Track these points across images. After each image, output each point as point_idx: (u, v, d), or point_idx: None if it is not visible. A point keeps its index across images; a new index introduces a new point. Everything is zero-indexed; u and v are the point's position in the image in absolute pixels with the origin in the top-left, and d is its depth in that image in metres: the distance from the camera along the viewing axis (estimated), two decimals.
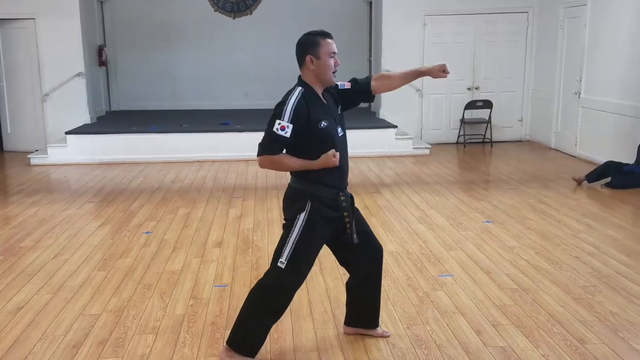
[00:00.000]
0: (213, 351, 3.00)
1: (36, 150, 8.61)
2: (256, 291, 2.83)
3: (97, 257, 4.42)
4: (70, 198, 6.27)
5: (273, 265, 2.79)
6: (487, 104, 9.06)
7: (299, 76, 2.81)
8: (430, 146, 8.69)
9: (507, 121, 9.50)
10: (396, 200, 5.99)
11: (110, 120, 9.76)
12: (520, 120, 9.56)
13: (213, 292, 3.74)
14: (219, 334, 3.18)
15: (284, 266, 2.74)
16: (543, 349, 2.97)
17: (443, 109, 9.43)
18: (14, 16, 8.84)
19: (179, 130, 8.46)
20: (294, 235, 2.73)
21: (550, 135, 8.82)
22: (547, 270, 4.01)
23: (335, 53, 2.76)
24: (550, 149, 8.77)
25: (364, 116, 9.53)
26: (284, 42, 10.30)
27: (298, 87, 2.75)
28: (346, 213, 2.80)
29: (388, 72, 3.12)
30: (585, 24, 7.77)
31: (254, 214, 5.54)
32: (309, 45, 2.73)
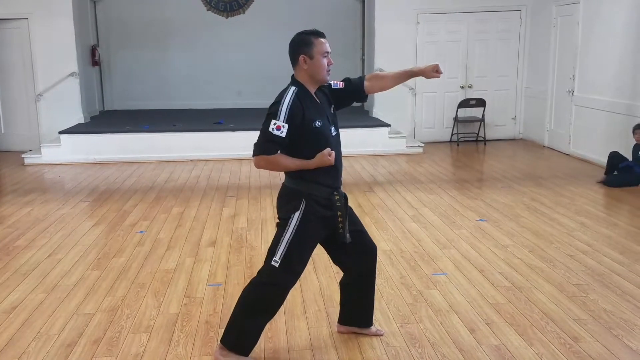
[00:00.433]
0: (207, 350, 3.00)
1: (30, 150, 8.57)
2: (249, 290, 2.83)
3: (91, 257, 4.41)
4: (64, 198, 6.25)
5: (267, 264, 2.79)
6: (481, 102, 9.08)
7: (292, 75, 2.81)
8: (423, 145, 8.71)
9: (501, 119, 9.53)
10: (390, 199, 6.00)
11: (103, 120, 9.73)
12: (514, 118, 9.59)
13: (207, 291, 3.73)
14: (212, 333, 3.18)
15: (277, 265, 2.74)
16: (537, 347, 2.99)
17: (436, 107, 9.45)
18: (7, 16, 8.80)
19: (173, 130, 8.44)
20: (288, 234, 2.73)
21: (544, 134, 8.86)
22: (541, 269, 4.02)
23: (328, 52, 2.76)
24: (544, 147, 8.80)
25: (357, 115, 9.53)
26: (277, 41, 10.28)
27: (292, 87, 2.75)
28: (339, 212, 2.80)
29: (381, 72, 3.13)
30: (578, 22, 7.80)
31: (248, 213, 5.54)
32: (302, 45, 2.73)
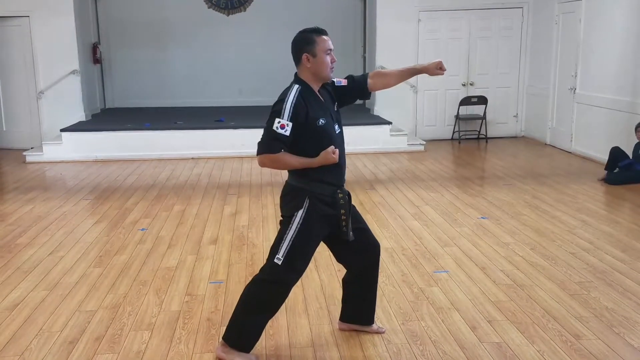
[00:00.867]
0: (209, 347, 3.01)
1: (31, 148, 8.58)
2: (251, 288, 2.83)
3: (93, 254, 4.41)
4: (65, 195, 6.26)
5: (269, 262, 2.78)
6: (482, 100, 9.07)
7: (296, 74, 2.80)
8: (425, 142, 8.70)
9: (502, 117, 9.51)
10: (391, 196, 6.00)
11: (105, 117, 9.74)
12: (516, 116, 9.58)
13: (208, 289, 3.74)
14: (214, 330, 3.18)
15: (280, 262, 2.73)
16: (538, 344, 2.99)
17: (438, 105, 9.44)
18: (8, 14, 8.79)
19: (174, 128, 8.44)
20: (291, 232, 2.73)
21: (546, 131, 8.85)
22: (543, 266, 4.02)
23: (331, 50, 2.75)
24: (546, 144, 8.79)
25: (359, 113, 9.53)
26: (278, 39, 10.29)
27: (295, 85, 2.74)
28: (343, 211, 2.80)
29: (384, 70, 3.12)
30: (580, 19, 7.78)
31: (249, 210, 5.54)
32: (304, 43, 2.72)
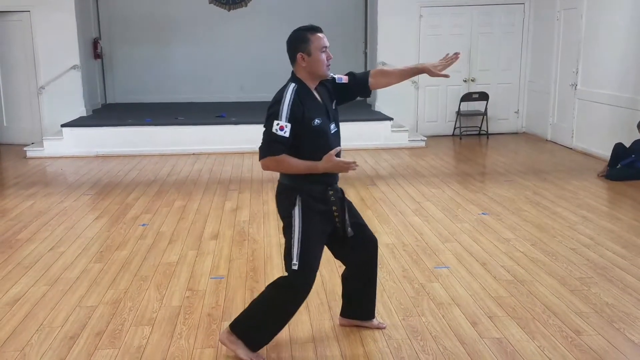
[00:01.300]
0: (209, 342, 3.01)
1: (32, 143, 8.57)
2: (276, 295, 2.79)
3: (94, 250, 4.42)
4: (66, 191, 6.26)
5: (288, 270, 2.75)
6: (483, 96, 9.05)
7: (292, 72, 2.78)
8: (426, 138, 8.69)
9: (504, 113, 9.50)
10: (392, 192, 6.00)
11: (106, 113, 9.73)
12: (517, 112, 9.56)
13: (209, 284, 3.74)
14: (215, 326, 3.18)
15: (297, 267, 2.70)
16: (539, 340, 2.99)
17: (439, 101, 9.43)
18: (9, 9, 8.79)
19: (175, 123, 8.43)
20: (296, 234, 2.71)
21: (547, 127, 8.83)
22: (543, 262, 4.02)
23: (326, 47, 2.71)
24: (547, 141, 8.78)
25: (360, 108, 9.51)
26: (280, 35, 10.23)
27: (291, 84, 2.72)
28: (334, 207, 2.79)
29: (386, 68, 3.08)
30: (581, 15, 7.76)
31: (250, 206, 5.54)
32: (299, 42, 2.69)
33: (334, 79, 2.88)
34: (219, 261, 4.14)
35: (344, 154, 2.90)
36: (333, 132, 2.81)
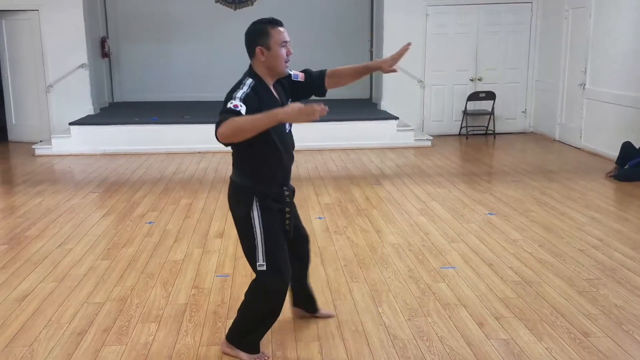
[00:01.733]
0: (215, 340, 3.01)
1: (40, 141, 8.62)
2: (253, 299, 2.78)
3: (101, 247, 4.43)
4: (74, 188, 6.28)
5: (255, 272, 2.72)
6: (490, 95, 9.02)
7: (250, 66, 2.66)
8: (432, 138, 8.67)
9: (511, 113, 9.46)
10: (397, 192, 5.98)
11: (113, 111, 9.76)
12: (524, 111, 9.52)
13: (215, 282, 3.75)
14: (220, 323, 3.19)
15: (265, 268, 2.67)
16: (546, 341, 2.97)
17: (445, 100, 9.40)
18: (18, 7, 8.83)
19: (181, 122, 8.45)
20: (258, 235, 2.66)
21: (555, 127, 8.79)
22: (551, 263, 4.00)
23: (287, 42, 2.63)
24: (555, 140, 8.73)
25: (365, 107, 9.50)
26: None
27: (248, 79, 2.60)
28: (287, 209, 2.77)
29: (339, 68, 2.94)
30: (590, 14, 7.71)
31: None
32: (258, 36, 2.60)
33: (289, 75, 2.80)
34: (224, 259, 4.15)
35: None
36: (287, 132, 2.73)
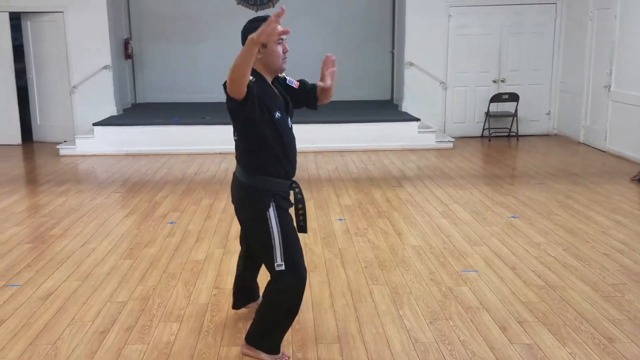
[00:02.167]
0: (236, 340, 3.02)
1: (65, 141, 8.75)
2: (270, 298, 2.78)
3: (124, 246, 4.48)
4: (97, 188, 6.37)
5: (273, 273, 2.71)
6: (514, 97, 8.92)
7: None
8: (453, 140, 8.60)
9: (534, 114, 9.34)
10: (419, 194, 5.95)
11: (135, 112, 9.87)
12: (548, 113, 9.39)
13: None
14: (241, 324, 3.19)
15: (283, 268, 2.67)
16: (570, 347, 2.93)
17: (467, 101, 9.32)
18: (43, 9, 8.98)
19: (202, 123, 8.51)
20: (275, 234, 2.65)
21: (579, 129, 8.65)
22: (575, 267, 3.94)
23: (283, 39, 2.64)
24: (579, 143, 8.60)
25: (386, 109, 9.46)
26: (307, 34, 10.30)
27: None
28: (300, 205, 2.79)
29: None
30: (615, 16, 7.58)
31: None
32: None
33: (285, 79, 2.81)
34: None
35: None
36: (290, 127, 2.77)
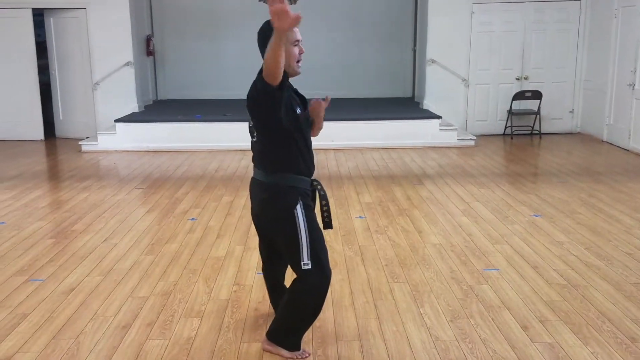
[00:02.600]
0: (256, 336, 3.04)
1: (87, 137, 8.87)
2: (294, 297, 2.77)
3: (145, 242, 4.53)
4: (119, 184, 6.44)
5: (300, 272, 2.71)
6: (537, 95, 8.81)
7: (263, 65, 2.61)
8: (475, 137, 8.52)
9: (557, 112, 9.22)
10: (439, 192, 5.91)
11: (157, 109, 9.96)
12: (572, 111, 9.26)
13: (256, 279, 3.77)
14: (262, 320, 3.21)
15: (310, 267, 2.67)
16: (592, 346, 2.89)
17: (490, 99, 9.23)
18: (66, 5, 9.10)
19: (223, 120, 8.56)
20: (303, 233, 2.65)
21: (603, 128, 8.52)
22: (598, 267, 3.88)
23: (299, 40, 2.62)
24: (602, 141, 8.47)
25: (407, 106, 9.41)
26: (329, 31, 10.29)
27: None
28: (324, 202, 2.78)
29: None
30: None
31: None
32: (270, 34, 2.50)
33: (296, 90, 2.80)
34: None
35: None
36: (310, 125, 2.78)
